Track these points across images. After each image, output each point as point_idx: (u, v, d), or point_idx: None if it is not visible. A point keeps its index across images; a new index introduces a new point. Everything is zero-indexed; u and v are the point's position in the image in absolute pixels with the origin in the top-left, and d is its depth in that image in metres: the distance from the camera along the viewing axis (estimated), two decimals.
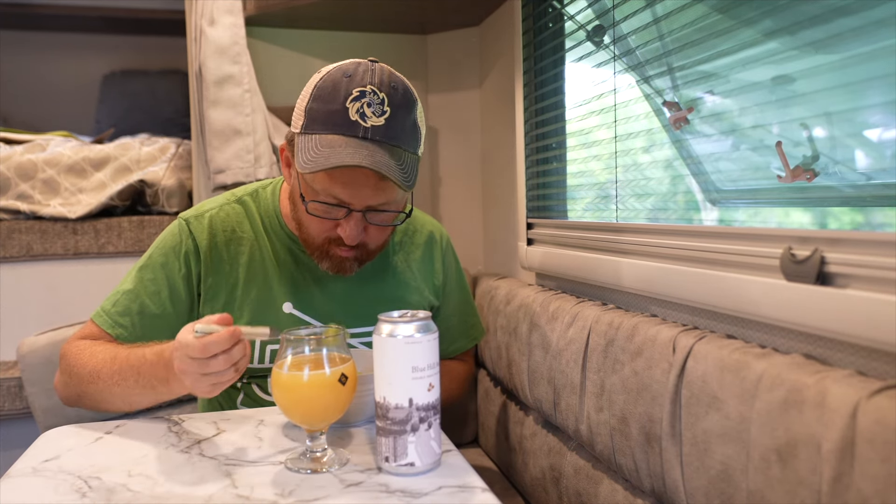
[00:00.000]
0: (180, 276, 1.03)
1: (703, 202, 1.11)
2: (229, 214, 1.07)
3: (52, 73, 3.10)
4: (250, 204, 1.08)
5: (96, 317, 1.03)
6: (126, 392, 0.92)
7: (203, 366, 0.78)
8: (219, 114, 1.67)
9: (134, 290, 1.02)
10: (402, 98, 0.90)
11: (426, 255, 1.17)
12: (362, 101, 0.87)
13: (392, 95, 0.89)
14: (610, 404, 0.94)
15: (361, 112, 0.87)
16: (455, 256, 1.23)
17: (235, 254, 1.05)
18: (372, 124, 0.87)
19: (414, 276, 1.14)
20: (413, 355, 0.73)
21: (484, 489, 0.72)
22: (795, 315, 0.73)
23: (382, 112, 0.88)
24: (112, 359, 0.93)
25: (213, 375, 0.79)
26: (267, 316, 1.04)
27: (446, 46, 1.91)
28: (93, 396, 0.96)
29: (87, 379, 0.94)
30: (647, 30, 1.11)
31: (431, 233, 1.19)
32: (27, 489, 0.74)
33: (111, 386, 0.92)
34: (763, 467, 0.66)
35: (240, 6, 1.70)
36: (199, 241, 1.04)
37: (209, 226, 1.05)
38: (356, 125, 0.87)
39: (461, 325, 1.23)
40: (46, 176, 1.92)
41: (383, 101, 0.88)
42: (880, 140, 0.79)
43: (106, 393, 0.94)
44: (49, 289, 1.88)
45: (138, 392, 0.91)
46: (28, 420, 1.71)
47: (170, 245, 1.04)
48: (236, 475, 0.75)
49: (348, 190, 0.90)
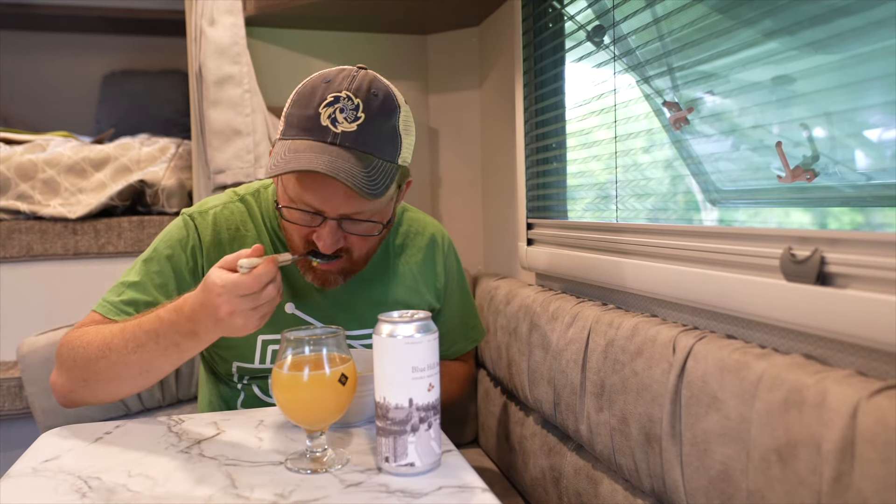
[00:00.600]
0: (187, 269, 1.02)
1: (703, 202, 1.11)
2: (233, 213, 1.06)
3: (52, 74, 3.10)
4: (252, 203, 1.08)
5: (100, 307, 1.00)
6: (145, 359, 0.87)
7: (255, 299, 0.80)
8: (219, 114, 1.67)
9: (140, 282, 1.00)
10: (381, 104, 0.89)
11: (428, 258, 1.16)
12: (335, 106, 0.87)
13: (369, 101, 0.88)
14: (610, 404, 0.94)
15: (333, 117, 0.86)
16: (457, 258, 1.23)
17: (240, 251, 1.04)
18: (342, 129, 0.86)
19: (415, 279, 1.14)
20: (413, 355, 0.73)
21: (484, 489, 0.72)
22: (795, 315, 0.73)
23: (356, 118, 0.87)
24: (121, 330, 0.89)
25: (265, 305, 0.82)
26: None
27: (446, 46, 1.91)
28: (103, 375, 0.90)
29: (97, 355, 0.89)
30: (647, 30, 1.11)
31: (433, 235, 1.18)
32: (27, 489, 0.74)
33: (126, 355, 0.87)
34: (763, 467, 0.66)
35: (240, 6, 1.70)
36: (204, 236, 1.03)
37: (213, 223, 1.04)
38: (325, 130, 0.86)
39: (462, 328, 1.23)
40: (46, 176, 1.92)
41: (357, 106, 0.87)
42: (880, 140, 0.79)
43: (120, 366, 0.89)
44: (49, 289, 1.88)
45: (160, 355, 0.87)
46: (28, 420, 1.71)
47: (176, 238, 1.03)
48: (236, 475, 0.75)
49: (318, 196, 0.89)
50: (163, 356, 0.87)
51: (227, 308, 0.80)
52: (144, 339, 0.86)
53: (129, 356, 0.87)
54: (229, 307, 0.80)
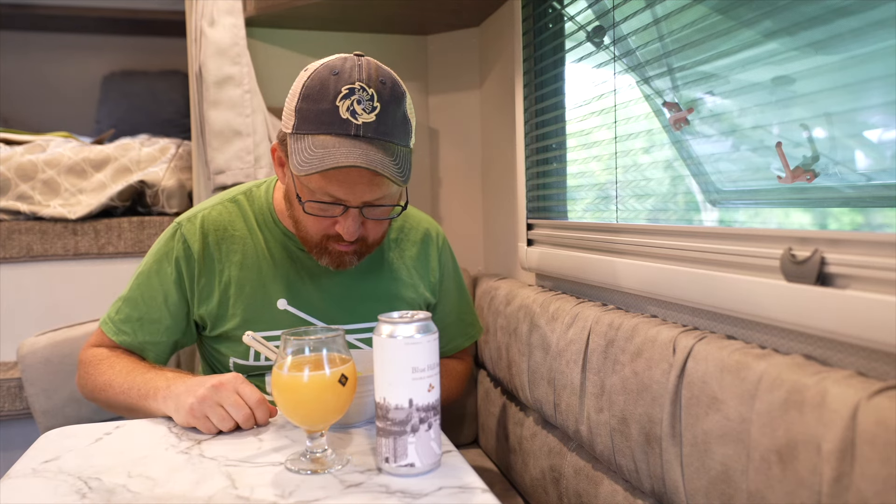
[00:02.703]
0: (172, 280, 1.05)
1: (704, 203, 1.11)
2: (221, 213, 1.08)
3: (52, 74, 3.10)
4: (244, 202, 1.09)
5: (103, 324, 1.07)
6: (131, 404, 0.98)
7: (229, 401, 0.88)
8: (219, 114, 1.67)
9: (132, 297, 1.06)
10: (391, 92, 0.90)
11: (422, 253, 1.17)
12: (352, 98, 0.87)
13: (381, 91, 0.89)
14: (610, 405, 0.94)
15: (352, 110, 0.87)
16: (452, 254, 1.24)
17: (228, 252, 1.06)
18: (363, 121, 0.87)
19: (410, 272, 1.15)
20: (413, 356, 0.73)
21: (484, 490, 0.72)
22: (795, 316, 0.73)
23: (373, 108, 0.87)
24: (127, 372, 1.00)
25: (219, 409, 0.87)
26: (261, 313, 1.05)
27: (446, 47, 1.91)
28: (102, 402, 1.03)
29: (101, 387, 1.01)
30: (647, 30, 1.11)
31: (427, 230, 1.19)
32: (27, 490, 0.74)
33: (118, 395, 0.99)
34: (763, 468, 0.66)
35: (240, 7, 1.70)
36: (191, 243, 1.05)
37: (201, 226, 1.06)
38: (348, 123, 0.87)
39: (459, 324, 1.24)
40: (46, 176, 1.92)
41: (373, 97, 0.88)
42: (880, 141, 0.79)
43: (115, 401, 1.00)
44: (49, 289, 1.88)
45: (139, 410, 0.98)
46: (28, 421, 1.71)
47: (163, 251, 1.07)
48: (236, 476, 0.75)
49: (344, 188, 0.91)
50: (140, 411, 0.97)
51: (203, 392, 0.88)
52: (134, 394, 0.97)
53: (120, 396, 0.99)
54: (206, 392, 0.88)
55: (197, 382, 0.90)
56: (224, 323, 1.05)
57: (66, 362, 1.25)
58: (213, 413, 0.87)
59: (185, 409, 0.87)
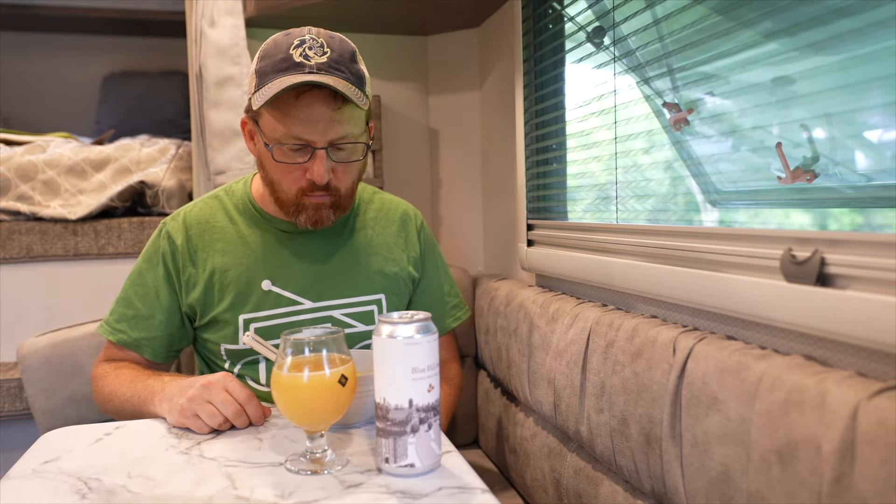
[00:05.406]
0: (161, 277, 1.10)
1: (704, 203, 1.11)
2: (203, 209, 1.13)
3: (52, 75, 3.10)
4: (223, 197, 1.15)
5: (100, 328, 1.12)
6: (135, 411, 1.02)
7: (218, 398, 0.89)
8: (219, 115, 1.67)
9: (126, 297, 1.11)
10: (340, 43, 0.97)
11: (401, 230, 1.20)
12: (303, 46, 0.94)
13: (330, 42, 0.96)
14: (610, 405, 0.94)
15: (304, 54, 0.94)
16: (432, 235, 1.27)
17: (210, 241, 1.10)
18: (316, 62, 0.93)
19: (390, 248, 1.17)
20: (413, 356, 0.73)
21: (484, 490, 0.72)
22: (796, 316, 0.73)
23: (324, 52, 0.95)
24: (130, 381, 1.04)
25: (209, 406, 0.89)
26: (247, 295, 1.08)
27: (446, 48, 1.91)
28: (111, 411, 1.08)
29: (108, 397, 1.06)
30: (647, 31, 1.11)
31: (406, 210, 1.23)
32: (27, 490, 0.74)
33: (123, 403, 1.03)
34: (763, 468, 0.66)
35: (240, 7, 1.70)
36: (175, 238, 1.10)
37: (183, 222, 1.11)
38: (301, 64, 0.93)
39: (444, 303, 1.25)
40: (47, 177, 1.92)
41: (322, 44, 0.95)
42: (880, 141, 0.79)
43: (121, 408, 1.04)
44: (49, 290, 1.88)
45: (140, 414, 1.01)
46: (28, 421, 1.71)
47: (151, 251, 1.12)
48: (236, 476, 0.75)
49: (307, 126, 0.95)
50: (144, 417, 1.00)
51: (193, 391, 0.90)
52: (136, 401, 1.00)
53: (125, 405, 1.02)
54: (196, 392, 0.90)
55: (188, 383, 0.92)
56: (212, 309, 1.08)
57: (67, 363, 1.25)
58: (203, 410, 0.88)
59: (177, 410, 0.90)
